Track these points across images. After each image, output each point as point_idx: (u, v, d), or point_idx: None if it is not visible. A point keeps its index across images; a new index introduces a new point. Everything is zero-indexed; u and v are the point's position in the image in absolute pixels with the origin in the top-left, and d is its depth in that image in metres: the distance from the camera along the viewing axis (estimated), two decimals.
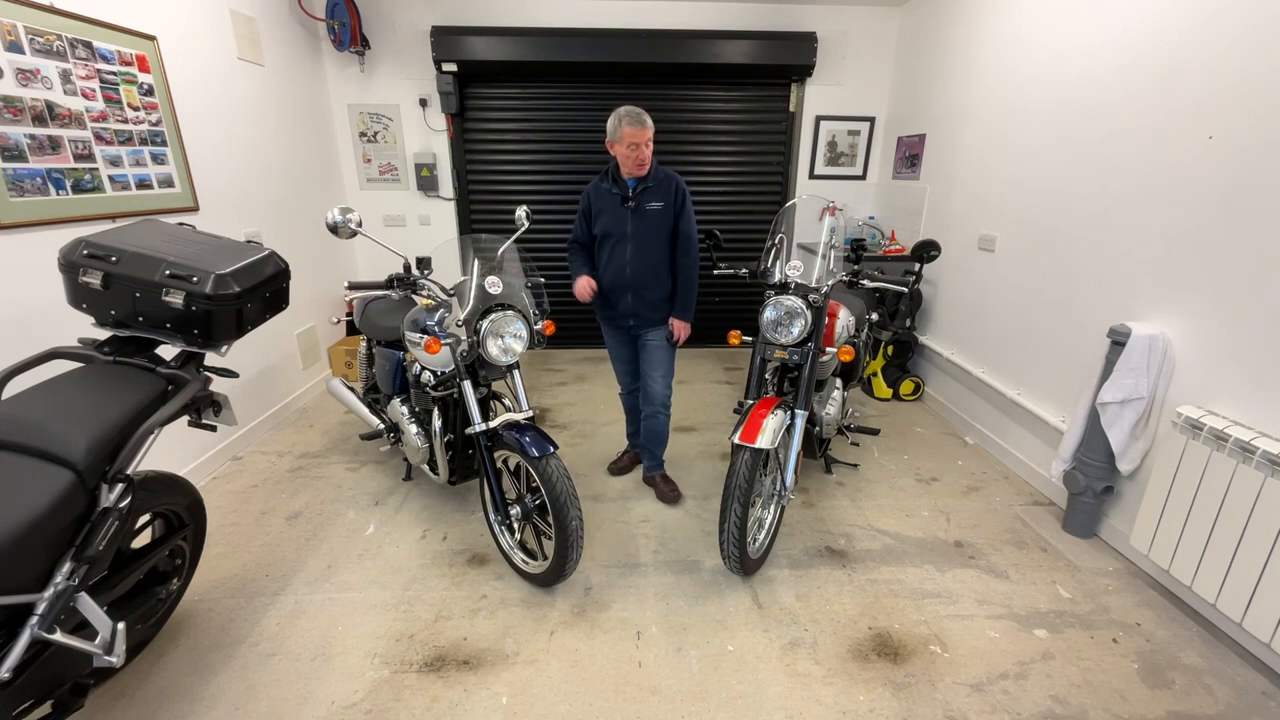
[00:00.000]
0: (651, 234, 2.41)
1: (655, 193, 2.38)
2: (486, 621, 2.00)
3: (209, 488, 2.78)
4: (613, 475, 2.94)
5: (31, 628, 1.24)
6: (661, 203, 2.37)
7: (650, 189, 2.38)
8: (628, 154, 2.29)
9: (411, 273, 2.07)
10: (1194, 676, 1.82)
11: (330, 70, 4.14)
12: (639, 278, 2.45)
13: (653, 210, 2.38)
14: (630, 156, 2.29)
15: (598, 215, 2.47)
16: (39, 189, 2.10)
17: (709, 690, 1.75)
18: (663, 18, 4.11)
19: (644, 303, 2.48)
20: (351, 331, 4.44)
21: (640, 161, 2.31)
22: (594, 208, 2.48)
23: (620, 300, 2.51)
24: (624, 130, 2.24)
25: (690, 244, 2.43)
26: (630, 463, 2.98)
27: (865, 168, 4.60)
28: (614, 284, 2.49)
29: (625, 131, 2.25)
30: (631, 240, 2.42)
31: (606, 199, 2.44)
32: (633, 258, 2.43)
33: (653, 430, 2.67)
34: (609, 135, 2.33)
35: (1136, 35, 2.32)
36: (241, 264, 1.73)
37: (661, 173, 2.40)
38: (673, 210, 2.39)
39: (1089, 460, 2.37)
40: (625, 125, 2.24)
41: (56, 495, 1.27)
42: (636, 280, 2.45)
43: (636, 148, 2.27)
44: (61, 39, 2.17)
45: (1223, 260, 2.00)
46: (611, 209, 2.42)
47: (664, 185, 2.38)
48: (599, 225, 2.47)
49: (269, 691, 1.73)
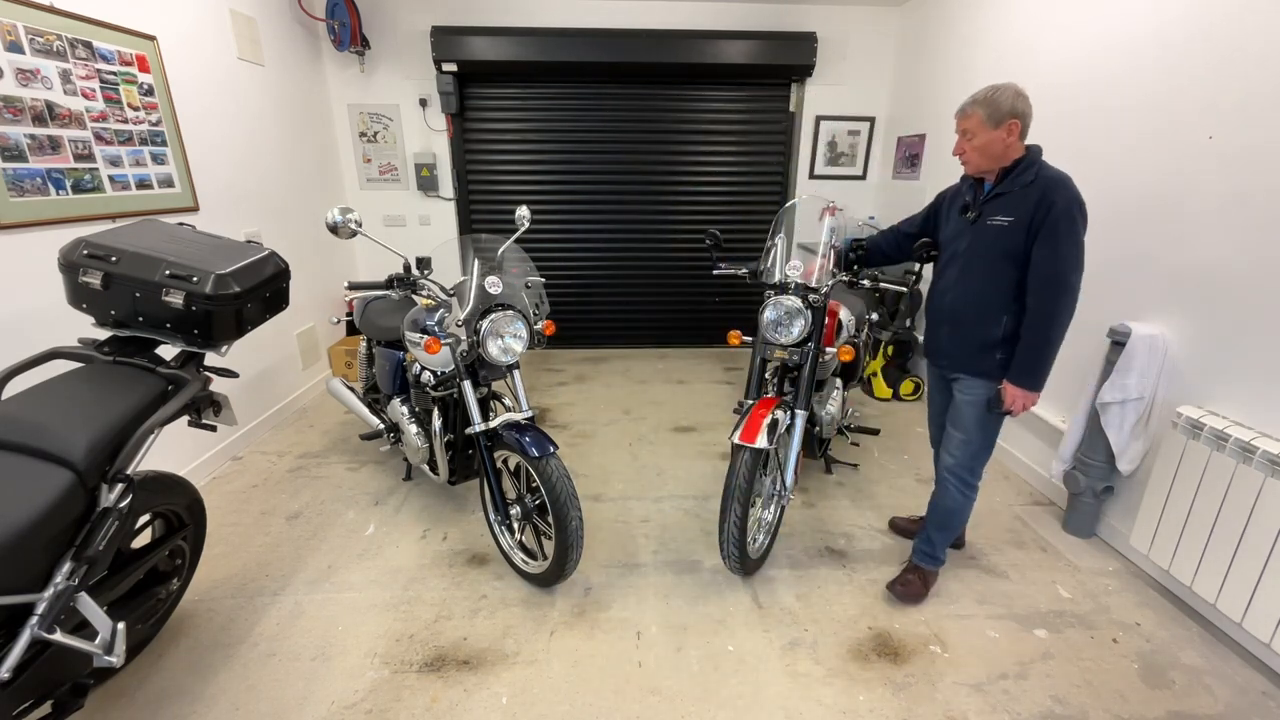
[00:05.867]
0: (987, 257, 1.82)
1: (1009, 204, 1.76)
2: (486, 621, 2.00)
3: (209, 488, 2.78)
4: (893, 530, 2.50)
5: (31, 628, 1.24)
6: (1011, 218, 1.75)
7: (1004, 197, 1.78)
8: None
9: (411, 273, 2.07)
10: (1194, 676, 1.82)
11: (330, 70, 4.14)
12: (958, 310, 1.91)
13: (996, 226, 1.78)
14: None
15: (944, 220, 2.00)
16: (39, 189, 2.10)
17: (709, 690, 1.75)
18: (663, 18, 4.11)
19: (960, 342, 1.93)
20: (351, 331, 4.43)
21: (963, 157, 1.82)
22: (945, 208, 2.02)
23: (936, 333, 2.02)
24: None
25: (1055, 289, 1.71)
26: (916, 529, 2.39)
27: (865, 168, 4.60)
28: (934, 314, 2.02)
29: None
30: (962, 259, 1.89)
31: (956, 202, 1.95)
32: (957, 283, 1.90)
33: (940, 505, 2.07)
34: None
35: (1137, 36, 2.32)
36: (241, 264, 1.73)
37: (1028, 178, 1.73)
38: (1026, 230, 1.72)
39: (1089, 460, 2.37)
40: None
41: (56, 495, 1.27)
42: (955, 313, 1.92)
43: (958, 139, 1.81)
44: (61, 39, 2.16)
45: (1223, 260, 2.00)
46: (955, 217, 1.94)
47: (1025, 195, 1.73)
48: (943, 232, 2.01)
49: (269, 691, 1.73)
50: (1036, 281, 1.74)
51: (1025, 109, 1.71)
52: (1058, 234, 1.68)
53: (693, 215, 4.72)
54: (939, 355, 2.03)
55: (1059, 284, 1.71)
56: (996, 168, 1.79)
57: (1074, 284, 1.71)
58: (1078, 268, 1.70)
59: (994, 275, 1.82)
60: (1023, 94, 1.71)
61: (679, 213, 4.72)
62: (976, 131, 1.74)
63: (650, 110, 4.45)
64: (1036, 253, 1.72)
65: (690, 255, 4.81)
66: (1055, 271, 1.71)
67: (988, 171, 1.82)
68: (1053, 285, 1.71)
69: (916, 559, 2.17)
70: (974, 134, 1.75)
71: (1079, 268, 1.71)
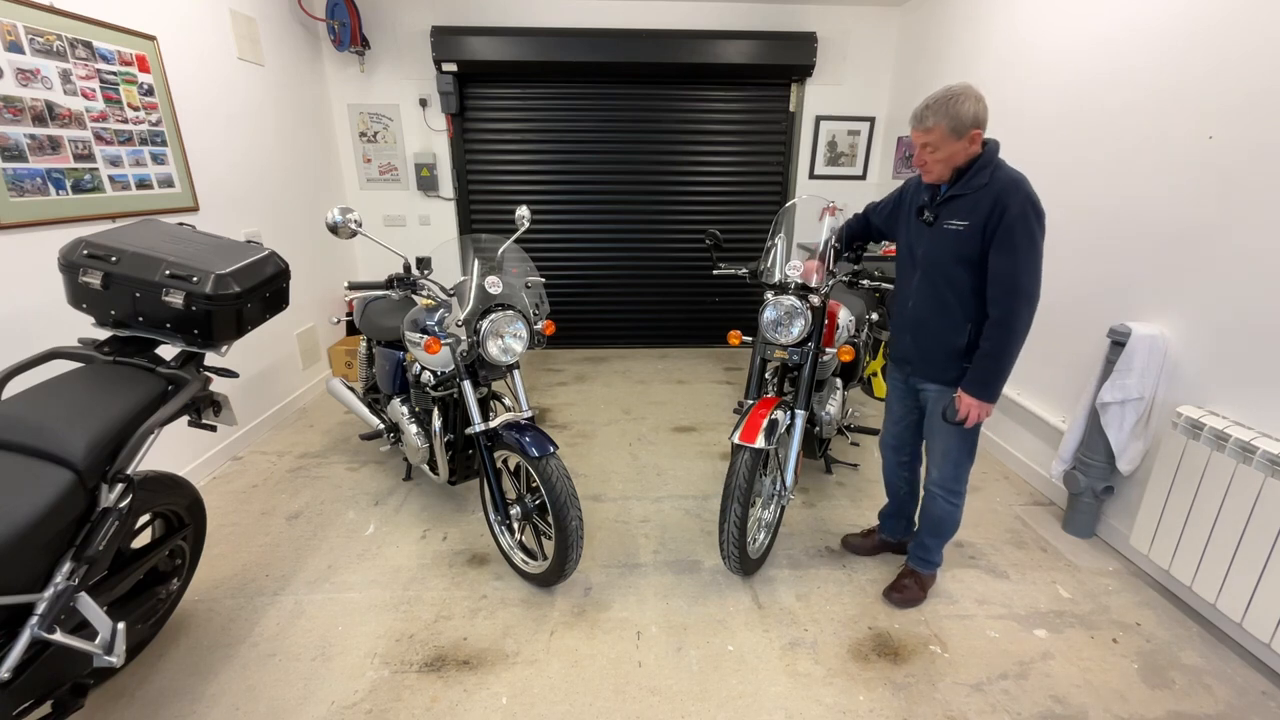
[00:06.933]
0: (944, 262, 1.78)
1: (963, 206, 1.71)
2: (486, 621, 2.00)
3: (209, 488, 2.78)
4: (846, 549, 2.39)
5: (31, 628, 1.24)
6: (966, 222, 1.70)
7: (958, 200, 1.73)
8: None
9: (411, 273, 2.07)
10: (1194, 676, 1.82)
11: (330, 70, 4.14)
12: (921, 317, 1.88)
13: (952, 231, 1.73)
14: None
15: (905, 220, 1.93)
16: (39, 189, 2.10)
17: (709, 690, 1.75)
18: (663, 18, 4.11)
19: (925, 350, 1.89)
20: (351, 331, 4.44)
21: (924, 168, 1.77)
22: (906, 206, 1.94)
23: (900, 340, 1.99)
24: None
25: (1012, 297, 1.67)
26: (872, 546, 2.36)
27: (865, 168, 4.60)
28: (898, 319, 1.99)
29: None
30: (922, 265, 1.85)
31: (915, 202, 1.88)
32: (918, 289, 1.87)
33: (930, 514, 2.03)
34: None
35: (1137, 36, 2.32)
36: (241, 264, 1.73)
37: (982, 180, 1.68)
38: (980, 234, 1.68)
39: (1089, 460, 2.37)
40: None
41: (56, 495, 1.27)
42: (918, 320, 1.89)
43: (917, 150, 1.74)
44: (61, 39, 2.17)
45: (1223, 260, 2.00)
46: (914, 219, 1.88)
47: (979, 198, 1.68)
48: (903, 234, 1.95)
49: (269, 691, 1.73)
50: (994, 290, 1.69)
51: (985, 113, 1.66)
52: (1014, 240, 1.63)
53: (693, 215, 4.72)
54: (904, 363, 1.99)
55: (1017, 293, 1.66)
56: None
57: (1033, 292, 1.66)
58: (1035, 274, 1.66)
59: (953, 281, 1.77)
60: (980, 97, 1.65)
61: (679, 213, 4.72)
62: (939, 145, 1.67)
63: (650, 110, 4.45)
64: (993, 260, 1.68)
65: (690, 255, 4.81)
66: (1013, 281, 1.66)
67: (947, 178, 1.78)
68: (1012, 295, 1.66)
69: (912, 563, 2.14)
70: (936, 147, 1.68)
71: (1036, 274, 1.66)
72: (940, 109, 1.63)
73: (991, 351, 1.71)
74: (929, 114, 1.66)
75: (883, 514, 2.33)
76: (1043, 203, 1.66)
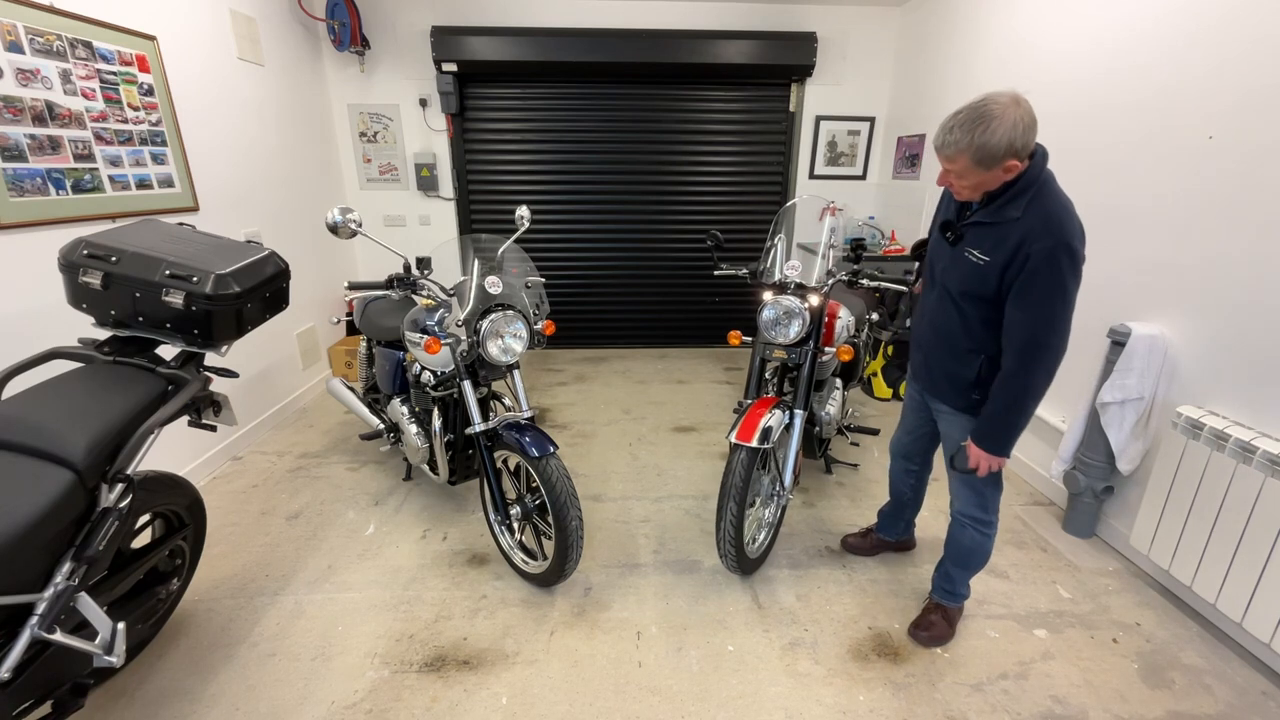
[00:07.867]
0: (958, 291, 1.59)
1: (988, 237, 1.50)
2: (486, 621, 2.00)
3: (209, 488, 2.78)
4: (845, 549, 2.35)
5: (31, 628, 1.24)
6: (987, 257, 1.49)
7: (984, 229, 1.52)
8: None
9: (411, 273, 2.07)
10: (1194, 676, 1.82)
11: (330, 70, 4.14)
12: (931, 340, 1.75)
13: (970, 261, 1.54)
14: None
15: (933, 230, 1.74)
16: (39, 189, 2.10)
17: (709, 690, 1.75)
18: (663, 18, 4.11)
19: (935, 372, 1.77)
20: (351, 331, 4.44)
21: (951, 189, 1.55)
22: (936, 214, 1.77)
23: (914, 355, 1.89)
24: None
25: (1027, 353, 1.47)
26: (871, 546, 2.32)
27: (865, 168, 4.60)
28: (914, 333, 1.88)
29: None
30: (939, 285, 1.67)
31: (944, 210, 1.71)
32: (933, 310, 1.72)
33: (959, 544, 1.86)
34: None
35: (1136, 36, 2.32)
36: (241, 264, 1.73)
37: (1014, 213, 1.44)
38: (1000, 274, 1.47)
39: (1089, 460, 2.37)
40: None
41: (56, 495, 1.27)
42: (928, 342, 1.77)
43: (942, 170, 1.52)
44: (61, 39, 2.17)
45: (1223, 260, 2.00)
46: (935, 231, 1.70)
47: (1006, 232, 1.45)
48: (929, 245, 1.78)
49: (269, 691, 1.73)
50: (1012, 341, 1.49)
51: (1028, 134, 1.36)
52: (1034, 293, 1.41)
53: (693, 215, 4.72)
54: (918, 379, 1.90)
55: (1035, 348, 1.45)
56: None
57: (1056, 345, 1.45)
58: (1058, 328, 1.43)
59: (964, 314, 1.60)
60: (1020, 118, 1.34)
61: (679, 213, 4.72)
62: (965, 174, 1.45)
63: (650, 110, 4.45)
64: (1009, 309, 1.47)
65: (690, 255, 4.81)
66: (1030, 335, 1.45)
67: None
68: (1027, 351, 1.46)
69: (937, 596, 1.96)
70: (964, 175, 1.45)
71: (1060, 327, 1.43)
72: (966, 137, 1.37)
73: (1007, 404, 1.53)
74: (951, 142, 1.40)
75: (882, 512, 2.32)
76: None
